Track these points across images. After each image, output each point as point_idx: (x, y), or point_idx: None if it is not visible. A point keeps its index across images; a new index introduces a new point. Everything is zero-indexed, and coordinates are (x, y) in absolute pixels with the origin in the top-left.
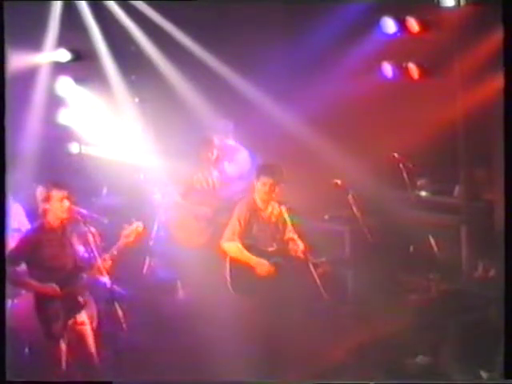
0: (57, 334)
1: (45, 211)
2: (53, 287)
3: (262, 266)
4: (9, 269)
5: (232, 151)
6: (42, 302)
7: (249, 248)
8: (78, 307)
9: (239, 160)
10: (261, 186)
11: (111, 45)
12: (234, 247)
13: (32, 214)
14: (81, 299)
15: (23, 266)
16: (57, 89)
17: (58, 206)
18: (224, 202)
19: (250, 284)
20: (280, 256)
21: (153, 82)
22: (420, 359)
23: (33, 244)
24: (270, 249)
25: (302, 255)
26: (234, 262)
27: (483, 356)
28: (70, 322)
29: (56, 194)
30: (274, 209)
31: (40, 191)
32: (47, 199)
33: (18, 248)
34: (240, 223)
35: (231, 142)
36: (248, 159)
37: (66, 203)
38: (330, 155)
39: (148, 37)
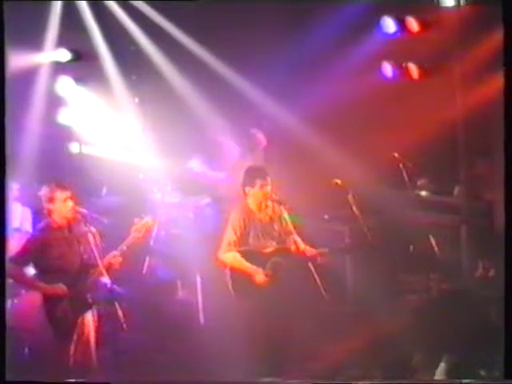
0: (66, 334)
1: (49, 212)
2: (61, 287)
3: (259, 276)
4: (17, 270)
5: (233, 151)
6: (50, 302)
7: (247, 254)
8: (87, 306)
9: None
10: (257, 189)
11: (111, 45)
12: (231, 257)
13: (33, 213)
14: (89, 298)
15: (31, 267)
16: (57, 89)
17: (61, 207)
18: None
19: (251, 286)
20: (279, 255)
21: (153, 82)
22: (420, 359)
23: (39, 244)
24: (268, 250)
25: (300, 250)
26: (234, 270)
27: (483, 356)
28: (79, 320)
29: (60, 194)
30: (267, 209)
31: (44, 192)
32: (51, 200)
33: (25, 248)
34: (235, 232)
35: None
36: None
37: (70, 203)
38: (330, 155)
39: (148, 37)
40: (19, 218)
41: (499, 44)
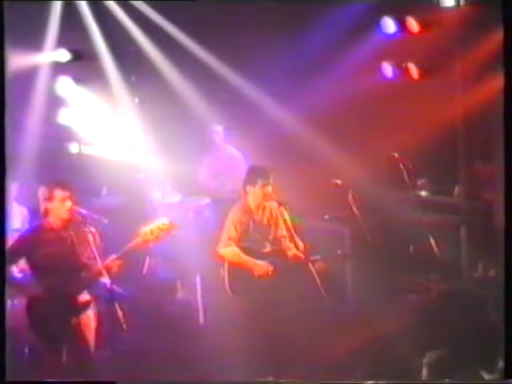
0: (52, 337)
1: (46, 211)
2: (38, 289)
3: (260, 267)
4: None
5: (231, 153)
6: (32, 305)
7: (245, 250)
8: (80, 307)
9: (238, 161)
10: (258, 189)
11: (111, 45)
12: (230, 252)
13: (33, 213)
14: (83, 299)
15: (20, 266)
16: (57, 89)
17: (59, 206)
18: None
19: (248, 285)
20: (274, 256)
21: (153, 82)
22: (419, 359)
23: (31, 243)
24: (265, 250)
25: (296, 254)
26: (232, 265)
27: (483, 356)
28: (73, 322)
29: (59, 194)
30: (266, 210)
31: (42, 191)
32: (49, 199)
33: (14, 246)
34: (236, 228)
35: (230, 144)
36: (243, 161)
37: (68, 203)
38: (330, 155)
39: (148, 37)
40: (19, 218)
41: (499, 44)
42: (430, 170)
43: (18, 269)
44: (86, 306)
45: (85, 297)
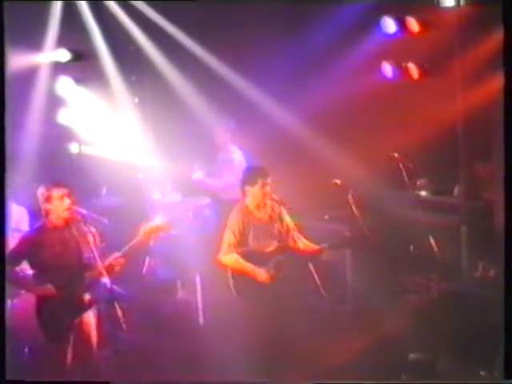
0: (59, 336)
1: (47, 211)
2: (51, 288)
3: (260, 274)
4: (8, 268)
5: (232, 155)
6: (42, 304)
7: (247, 255)
8: (83, 307)
9: (239, 164)
10: (258, 188)
11: (111, 45)
12: (231, 259)
13: (33, 214)
14: (86, 299)
15: (23, 266)
16: (57, 89)
17: (59, 205)
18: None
19: (253, 284)
20: (280, 253)
21: (153, 82)
22: (419, 358)
23: (34, 244)
24: (269, 249)
25: (307, 245)
26: (235, 271)
27: (483, 356)
28: (76, 321)
29: (56, 192)
30: (266, 207)
31: (41, 192)
32: (48, 199)
33: (18, 248)
34: (234, 234)
35: (231, 144)
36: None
37: (67, 201)
38: (330, 155)
39: (148, 37)
40: (19, 218)
41: (499, 44)
42: (430, 169)
43: (21, 269)
44: (87, 306)
45: (87, 297)
